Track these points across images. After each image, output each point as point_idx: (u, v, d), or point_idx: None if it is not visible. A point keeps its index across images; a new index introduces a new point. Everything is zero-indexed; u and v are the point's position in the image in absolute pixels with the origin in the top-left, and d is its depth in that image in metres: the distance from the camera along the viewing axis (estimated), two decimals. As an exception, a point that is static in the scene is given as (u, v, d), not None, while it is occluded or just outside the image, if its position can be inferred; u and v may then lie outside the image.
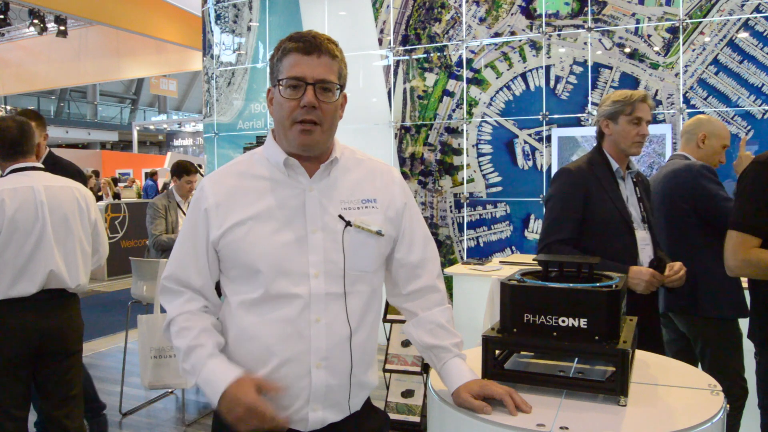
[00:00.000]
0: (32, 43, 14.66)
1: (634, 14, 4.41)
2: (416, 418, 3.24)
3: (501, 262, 3.91)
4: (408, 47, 5.20)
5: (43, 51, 14.81)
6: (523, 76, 4.79)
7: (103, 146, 27.99)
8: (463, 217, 5.01)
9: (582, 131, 4.57)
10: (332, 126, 1.31)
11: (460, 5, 4.98)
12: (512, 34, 4.80)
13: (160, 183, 14.29)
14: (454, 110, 5.03)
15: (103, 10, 10.19)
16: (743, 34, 4.14)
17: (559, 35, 4.65)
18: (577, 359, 1.50)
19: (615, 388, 1.26)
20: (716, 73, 4.21)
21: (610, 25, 4.48)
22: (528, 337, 1.35)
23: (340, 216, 1.30)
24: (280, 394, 1.23)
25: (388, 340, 3.36)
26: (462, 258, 4.99)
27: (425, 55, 5.15)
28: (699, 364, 2.65)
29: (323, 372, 1.27)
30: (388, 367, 3.30)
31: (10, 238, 2.30)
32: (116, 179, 16.20)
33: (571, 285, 1.34)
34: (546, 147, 4.70)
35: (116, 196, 13.01)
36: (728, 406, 1.31)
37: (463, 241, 5.02)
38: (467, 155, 4.99)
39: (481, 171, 4.95)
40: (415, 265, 1.41)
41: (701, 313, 2.58)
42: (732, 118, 4.16)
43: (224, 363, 1.25)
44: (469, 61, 4.96)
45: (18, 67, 15.50)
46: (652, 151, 4.30)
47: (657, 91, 4.35)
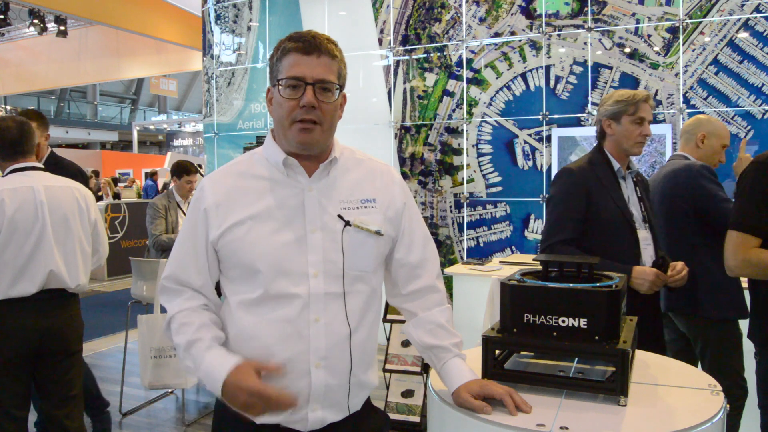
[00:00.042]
0: (32, 43, 14.66)
1: (634, 14, 4.41)
2: (416, 418, 3.24)
3: (501, 262, 3.91)
4: (408, 47, 5.20)
5: (43, 51, 14.82)
6: (523, 76, 4.79)
7: (103, 146, 28.00)
8: (463, 217, 5.01)
9: (582, 131, 4.56)
10: (331, 126, 1.31)
11: (460, 5, 4.97)
12: (512, 34, 4.80)
13: (160, 183, 14.30)
14: (454, 110, 5.03)
15: (103, 10, 10.19)
16: (743, 34, 4.13)
17: (559, 35, 4.65)
18: (577, 359, 1.50)
19: (615, 388, 1.26)
20: (716, 73, 4.21)
21: (610, 25, 4.48)
22: (528, 337, 1.35)
23: (340, 216, 1.30)
24: (281, 373, 1.22)
25: (388, 340, 3.36)
26: (462, 258, 4.99)
27: (425, 55, 5.15)
28: (699, 364, 2.65)
29: (323, 372, 1.27)
30: (388, 367, 3.30)
31: (9, 238, 2.31)
32: (116, 179, 16.21)
33: (571, 285, 1.34)
34: (546, 147, 4.70)
35: (116, 196, 13.02)
36: (728, 406, 1.31)
37: (463, 241, 5.02)
38: (467, 155, 4.99)
39: (481, 171, 4.95)
40: (415, 266, 1.41)
41: (701, 313, 2.58)
42: (732, 118, 4.16)
43: (221, 353, 1.24)
44: (469, 61, 4.96)
45: (18, 67, 15.50)
46: (654, 150, 4.30)
47: (657, 91, 4.35)
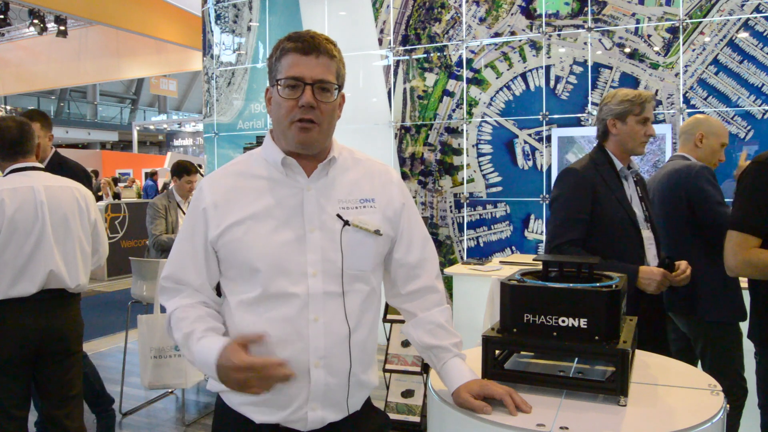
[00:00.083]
0: (32, 43, 14.66)
1: (634, 14, 4.41)
2: (416, 418, 3.24)
3: (501, 262, 3.91)
4: (408, 47, 5.20)
5: (43, 51, 14.82)
6: (523, 76, 4.79)
7: (103, 146, 28.01)
8: (463, 217, 5.01)
9: (582, 131, 4.56)
10: (330, 126, 1.31)
11: (460, 5, 4.97)
12: (512, 34, 4.80)
13: (160, 183, 14.31)
14: (454, 110, 5.03)
15: (103, 10, 10.20)
16: (743, 34, 4.13)
17: (559, 35, 4.65)
18: (577, 359, 1.50)
19: (615, 388, 1.26)
20: (716, 73, 4.21)
21: (610, 25, 4.48)
22: (528, 337, 1.35)
23: (338, 215, 1.30)
24: (267, 341, 1.21)
25: (388, 340, 3.36)
26: (462, 258, 4.99)
27: (425, 55, 5.15)
28: (699, 363, 2.65)
29: (322, 371, 1.27)
30: (388, 367, 3.30)
31: (9, 238, 2.31)
32: (116, 179, 16.22)
33: (571, 285, 1.34)
34: (546, 147, 4.70)
35: (116, 196, 13.02)
36: (728, 406, 1.31)
37: (463, 241, 5.02)
38: (467, 155, 4.99)
39: (481, 171, 4.95)
40: (414, 266, 1.40)
41: (699, 315, 2.58)
42: (732, 118, 4.16)
43: (210, 339, 1.22)
44: (469, 61, 4.96)
45: (18, 67, 15.50)
46: (657, 148, 4.29)
47: (657, 91, 4.34)
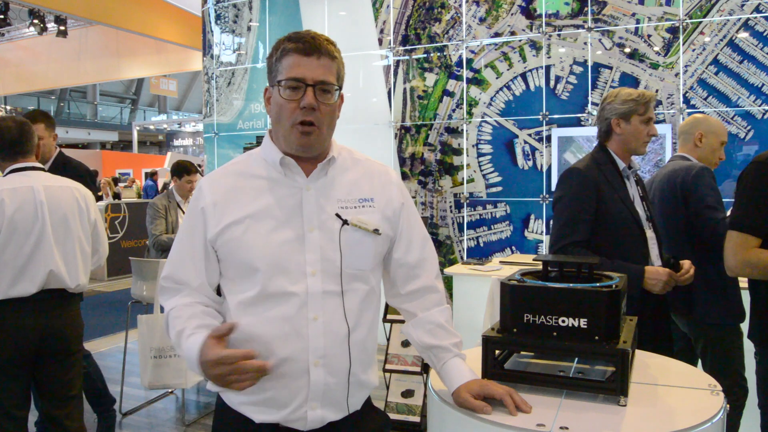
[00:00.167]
0: (32, 43, 14.67)
1: (634, 14, 4.41)
2: (416, 418, 3.24)
3: (501, 262, 3.91)
4: (408, 47, 5.20)
5: (43, 51, 14.82)
6: (523, 76, 4.79)
7: (103, 146, 28.01)
8: (463, 217, 5.01)
9: (582, 131, 4.56)
10: (331, 127, 1.32)
11: (460, 5, 4.97)
12: (512, 34, 4.80)
13: (160, 183, 14.31)
14: (454, 110, 5.03)
15: (103, 10, 10.20)
16: (743, 34, 4.13)
17: (559, 35, 4.65)
18: (577, 359, 1.50)
19: (615, 388, 1.26)
20: (716, 73, 4.21)
21: (610, 25, 4.48)
22: (528, 337, 1.35)
23: (337, 214, 1.30)
24: (233, 331, 1.20)
25: (388, 340, 3.36)
26: (462, 258, 4.99)
27: (425, 55, 5.15)
28: (699, 363, 2.65)
29: (321, 370, 1.27)
30: (388, 367, 3.30)
31: (9, 238, 2.30)
32: (116, 179, 16.22)
33: (571, 285, 1.34)
34: (546, 147, 4.70)
35: (116, 196, 13.03)
36: (728, 406, 1.31)
37: (463, 241, 5.02)
38: (467, 155, 4.99)
39: (481, 171, 4.95)
40: (414, 265, 1.41)
41: (697, 317, 2.58)
42: (732, 118, 4.16)
43: (197, 336, 1.21)
44: (469, 61, 4.96)
45: (18, 67, 15.50)
46: (659, 147, 4.29)
47: (657, 91, 4.34)
